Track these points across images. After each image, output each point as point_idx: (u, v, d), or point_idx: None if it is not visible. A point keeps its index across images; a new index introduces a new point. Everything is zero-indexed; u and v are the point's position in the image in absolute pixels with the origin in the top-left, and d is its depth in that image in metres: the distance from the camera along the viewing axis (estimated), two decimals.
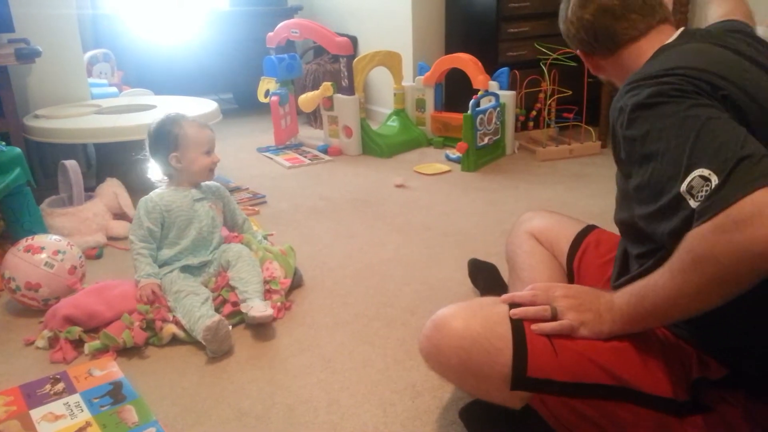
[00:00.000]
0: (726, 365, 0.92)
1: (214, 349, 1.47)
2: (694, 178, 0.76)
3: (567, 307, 0.96)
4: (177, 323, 1.56)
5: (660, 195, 0.81)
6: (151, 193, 1.72)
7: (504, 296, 1.02)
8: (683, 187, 0.77)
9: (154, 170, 1.82)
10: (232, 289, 1.64)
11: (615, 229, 1.09)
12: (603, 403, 0.93)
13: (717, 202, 0.73)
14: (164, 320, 1.55)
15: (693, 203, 0.76)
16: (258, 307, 1.55)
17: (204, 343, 1.48)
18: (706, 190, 0.74)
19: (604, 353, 0.93)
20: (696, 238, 0.75)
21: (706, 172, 0.75)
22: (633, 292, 0.90)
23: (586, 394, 0.93)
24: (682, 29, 1.02)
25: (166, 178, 1.79)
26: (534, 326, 0.95)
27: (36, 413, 1.28)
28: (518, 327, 0.95)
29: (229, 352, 1.50)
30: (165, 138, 1.70)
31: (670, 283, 0.81)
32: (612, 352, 0.93)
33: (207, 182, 1.81)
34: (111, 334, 1.49)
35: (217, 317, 1.47)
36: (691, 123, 0.80)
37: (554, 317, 0.96)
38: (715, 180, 0.74)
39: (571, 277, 1.29)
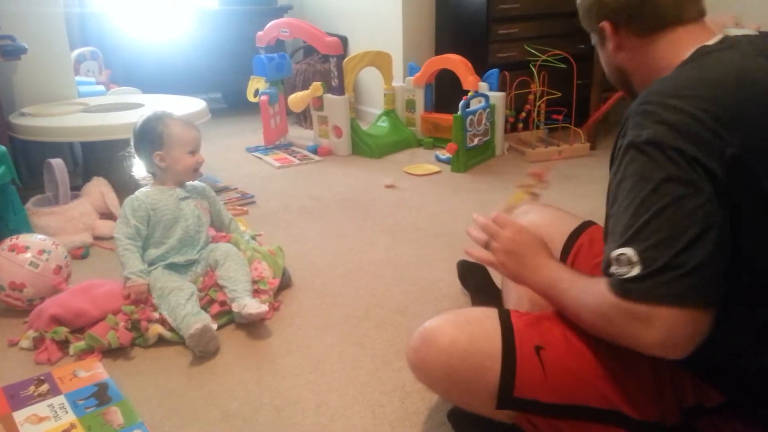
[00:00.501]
0: (721, 391, 0.90)
1: (201, 350, 1.46)
2: (625, 252, 0.79)
3: (499, 247, 1.03)
4: (163, 322, 1.54)
5: (608, 238, 0.85)
6: (137, 192, 1.70)
7: (475, 217, 1.12)
8: (615, 253, 0.80)
9: (138, 168, 1.80)
10: (220, 288, 1.63)
11: None
12: (588, 425, 0.92)
13: (632, 289, 0.78)
14: (150, 320, 1.53)
15: (613, 269, 0.80)
16: (252, 305, 1.54)
17: (190, 348, 1.47)
18: (627, 270, 0.78)
19: (595, 373, 0.92)
20: (606, 299, 0.81)
21: (636, 257, 0.78)
22: (555, 275, 0.94)
23: (572, 415, 0.92)
24: (723, 33, 0.92)
25: (149, 176, 1.77)
26: (466, 247, 1.10)
27: (19, 415, 1.27)
28: (509, 345, 0.95)
29: (217, 353, 1.49)
30: (150, 135, 1.69)
31: (580, 302, 0.88)
32: (603, 372, 0.92)
33: (192, 182, 1.80)
34: (96, 335, 1.47)
35: (200, 324, 1.45)
36: (655, 199, 0.78)
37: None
38: (638, 269, 0.77)
39: None
